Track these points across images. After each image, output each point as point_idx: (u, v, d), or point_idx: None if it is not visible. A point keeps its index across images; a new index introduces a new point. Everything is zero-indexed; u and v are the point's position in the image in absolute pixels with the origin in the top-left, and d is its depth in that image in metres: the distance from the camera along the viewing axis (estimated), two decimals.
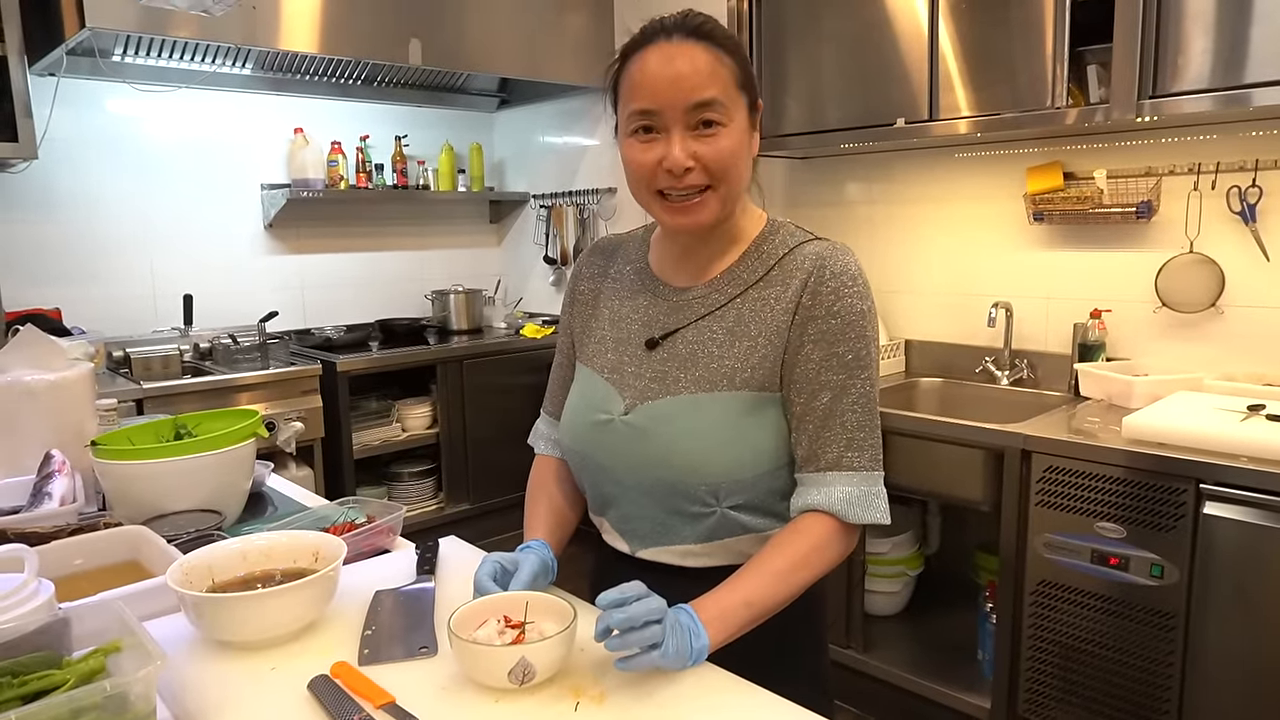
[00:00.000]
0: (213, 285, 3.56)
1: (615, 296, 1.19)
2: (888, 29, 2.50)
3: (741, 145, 1.02)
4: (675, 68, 0.98)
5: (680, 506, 1.06)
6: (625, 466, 1.08)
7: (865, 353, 1.03)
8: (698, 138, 0.99)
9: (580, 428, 1.14)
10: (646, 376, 1.10)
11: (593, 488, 1.16)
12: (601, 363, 1.15)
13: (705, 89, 0.98)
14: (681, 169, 1.00)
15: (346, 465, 3.40)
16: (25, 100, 2.75)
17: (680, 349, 1.08)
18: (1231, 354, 2.29)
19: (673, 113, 0.99)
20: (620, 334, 1.15)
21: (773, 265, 1.07)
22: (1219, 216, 2.27)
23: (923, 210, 2.89)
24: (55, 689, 0.78)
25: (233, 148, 3.60)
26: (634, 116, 1.01)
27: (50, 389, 1.55)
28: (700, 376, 1.05)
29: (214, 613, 0.99)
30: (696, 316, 1.09)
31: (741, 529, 1.06)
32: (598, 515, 1.19)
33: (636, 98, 1.00)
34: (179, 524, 1.32)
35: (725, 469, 1.03)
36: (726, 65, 1.00)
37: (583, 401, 1.15)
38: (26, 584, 0.93)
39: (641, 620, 0.87)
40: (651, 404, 1.07)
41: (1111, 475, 1.93)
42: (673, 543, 1.10)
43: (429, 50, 3.26)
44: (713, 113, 0.99)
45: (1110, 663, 1.98)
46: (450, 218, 4.35)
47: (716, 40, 1.00)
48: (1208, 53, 1.96)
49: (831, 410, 1.02)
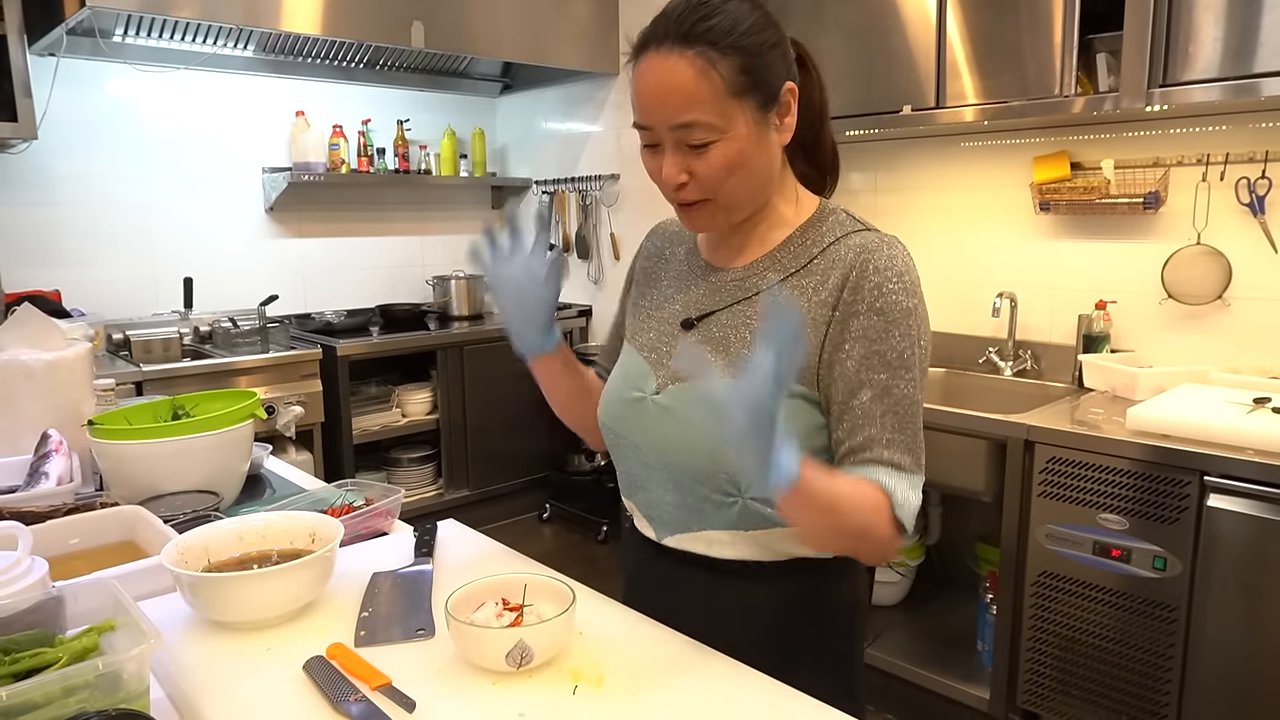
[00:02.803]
0: (213, 268, 3.55)
1: (664, 276, 1.18)
2: (895, 15, 2.48)
3: (742, 153, 0.96)
4: (658, 87, 0.94)
5: (703, 493, 1.03)
6: (653, 447, 1.06)
7: (910, 352, 0.96)
8: (690, 154, 0.96)
9: (615, 404, 1.13)
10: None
11: (623, 468, 1.14)
12: (643, 340, 1.14)
13: (686, 111, 0.93)
14: (672, 186, 0.99)
15: (346, 450, 3.40)
16: (25, 80, 2.73)
17: (715, 332, 1.06)
18: (1238, 347, 2.27)
19: (661, 130, 0.96)
20: (663, 312, 1.14)
21: (816, 255, 1.02)
22: (1227, 208, 2.25)
23: (927, 199, 2.87)
24: (48, 667, 0.77)
25: (234, 130, 3.58)
26: (637, 127, 1.00)
27: (48, 368, 1.54)
28: (731, 361, 1.02)
29: (209, 592, 0.98)
30: (733, 300, 1.06)
31: (766, 522, 1.02)
32: (628, 498, 1.17)
33: (634, 110, 0.99)
34: (176, 505, 1.31)
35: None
36: (718, 73, 0.92)
37: (621, 378, 1.14)
38: (19, 561, 0.93)
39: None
40: (682, 385, 1.05)
41: (1115, 467, 1.92)
42: (698, 528, 1.06)
43: (432, 33, 3.23)
44: (697, 134, 0.94)
45: (1111, 654, 1.97)
46: (452, 203, 4.33)
47: (711, 41, 0.92)
48: (1218, 41, 1.93)
49: (871, 411, 0.95)
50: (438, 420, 3.65)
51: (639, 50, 0.97)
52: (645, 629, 1.01)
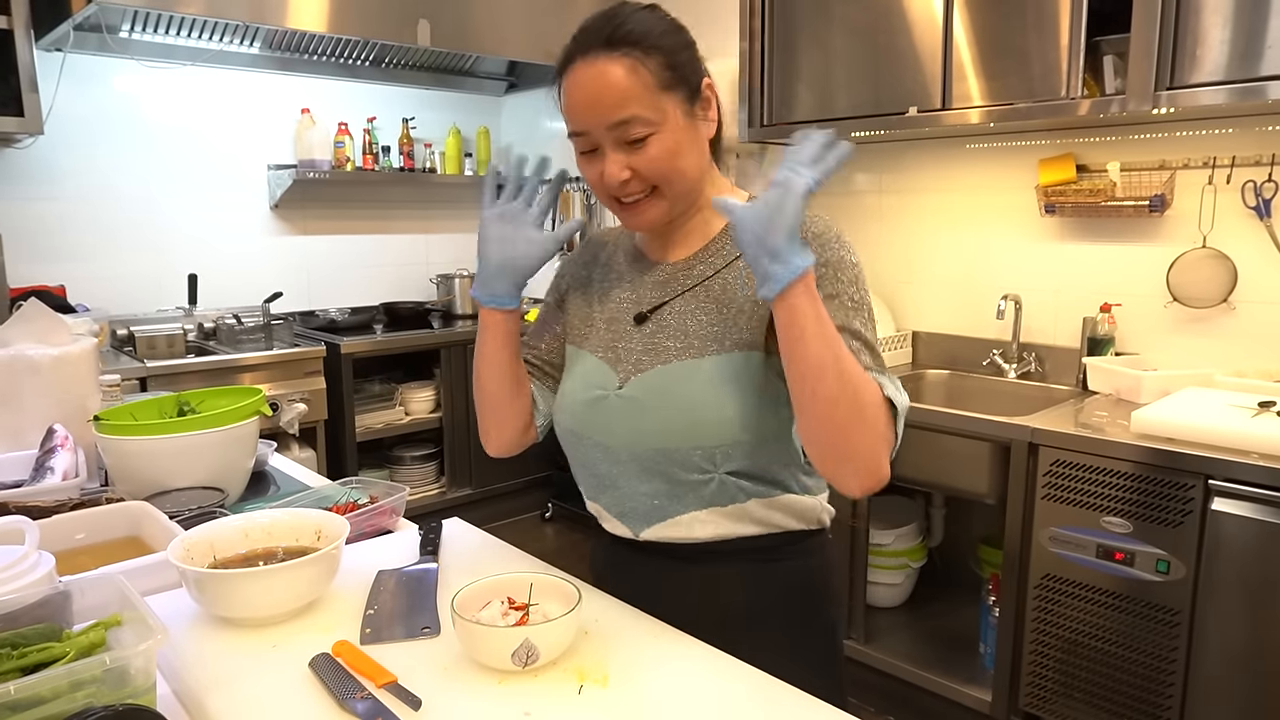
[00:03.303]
0: (218, 265, 3.55)
1: (604, 280, 1.20)
2: (901, 16, 2.47)
3: (679, 143, 1.02)
4: (592, 89, 0.99)
5: (677, 476, 1.05)
6: (622, 442, 1.08)
7: (860, 297, 1.01)
8: (629, 150, 1.01)
9: (575, 406, 1.13)
10: (638, 350, 1.10)
11: (588, 471, 1.15)
12: (595, 342, 1.15)
13: (621, 108, 0.98)
14: (617, 183, 1.02)
15: (349, 448, 3.40)
16: (31, 75, 2.74)
17: (669, 320, 1.09)
18: (1243, 350, 2.27)
19: (599, 132, 1.01)
20: (610, 313, 1.16)
21: None
22: (1233, 211, 2.25)
23: (932, 201, 2.87)
24: (55, 661, 0.77)
25: (239, 127, 3.58)
26: (572, 136, 1.04)
27: (54, 363, 1.55)
28: (691, 345, 1.06)
29: (215, 589, 0.98)
30: (683, 289, 1.10)
31: (744, 495, 1.06)
32: (594, 501, 1.17)
33: (568, 120, 1.03)
34: (181, 501, 1.31)
35: (720, 431, 1.02)
36: (646, 69, 0.99)
37: (578, 381, 1.15)
38: (27, 556, 0.93)
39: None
40: (644, 375, 1.08)
41: (1119, 470, 1.92)
42: (674, 515, 1.08)
43: (438, 31, 3.24)
44: (635, 128, 0.99)
45: (1113, 658, 1.97)
46: (456, 201, 4.34)
47: (633, 42, 0.99)
48: (1225, 44, 1.93)
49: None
50: (441, 419, 3.65)
51: (565, 64, 1.03)
52: (651, 628, 1.01)
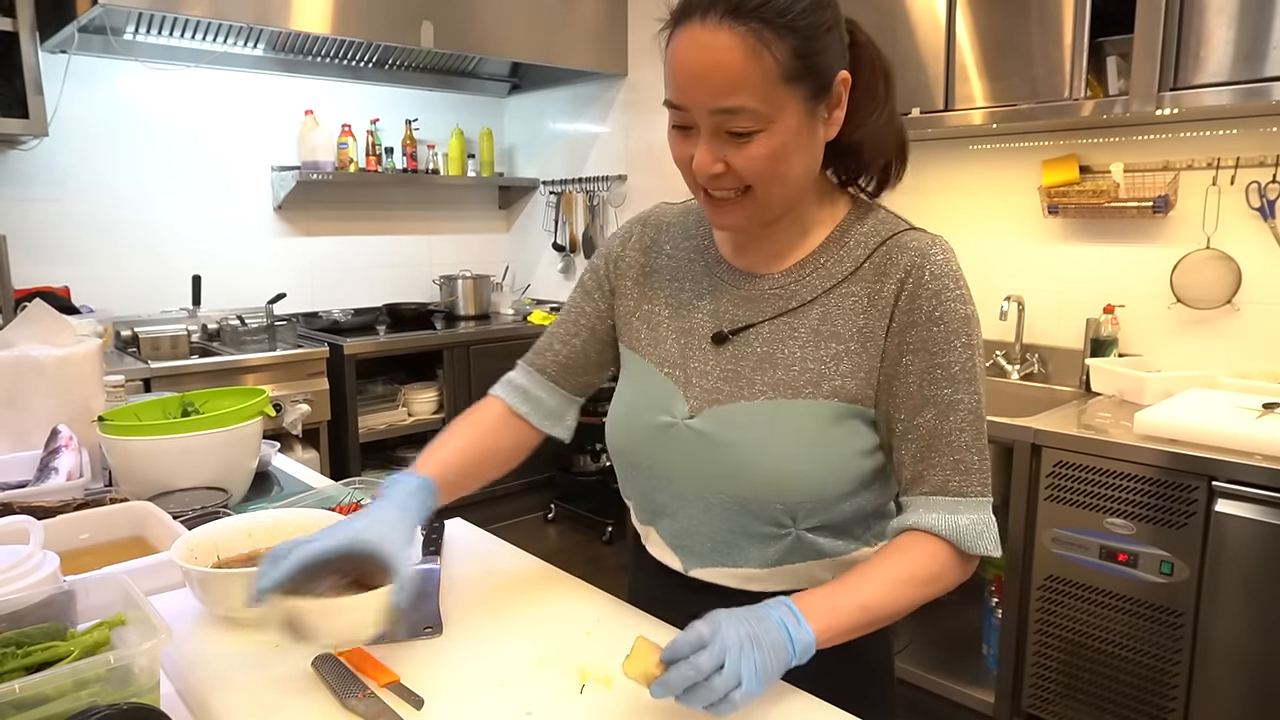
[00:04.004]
0: (221, 266, 3.56)
1: (673, 277, 1.04)
2: (904, 17, 2.48)
3: (787, 146, 0.86)
4: (701, 63, 0.83)
5: (749, 526, 0.94)
6: (688, 478, 0.96)
7: (971, 364, 0.89)
8: (728, 141, 0.85)
9: (636, 429, 1.01)
10: (715, 376, 0.96)
11: (643, 496, 1.04)
12: (660, 354, 1.01)
13: (731, 95, 0.82)
14: (707, 175, 0.88)
15: (352, 449, 3.41)
16: (36, 77, 2.75)
17: (756, 347, 0.95)
18: (1247, 352, 2.27)
19: (699, 113, 0.85)
20: (683, 323, 1.01)
21: (863, 258, 0.93)
22: (1237, 212, 2.24)
23: (935, 202, 2.87)
24: (59, 660, 0.77)
25: (243, 129, 3.59)
26: (668, 105, 0.88)
27: (58, 364, 1.55)
28: (780, 380, 0.93)
29: (219, 588, 0.98)
30: (775, 312, 0.95)
31: (816, 553, 0.95)
32: (645, 524, 1.06)
33: (668, 86, 0.87)
34: (185, 501, 1.31)
35: (808, 487, 0.91)
36: (772, 55, 0.82)
37: (639, 398, 1.01)
38: (31, 555, 0.93)
39: (707, 672, 0.75)
40: (722, 408, 0.94)
41: (1122, 471, 1.91)
42: (734, 564, 0.97)
43: (441, 33, 3.24)
44: (740, 120, 0.84)
45: (1117, 659, 1.97)
46: (459, 203, 4.34)
47: (766, 19, 0.81)
48: (1229, 44, 1.93)
49: (937, 429, 0.89)
50: (443, 420, 3.65)
51: (680, 18, 0.85)
52: (654, 630, 1.00)
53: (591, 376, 1.13)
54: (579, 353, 1.10)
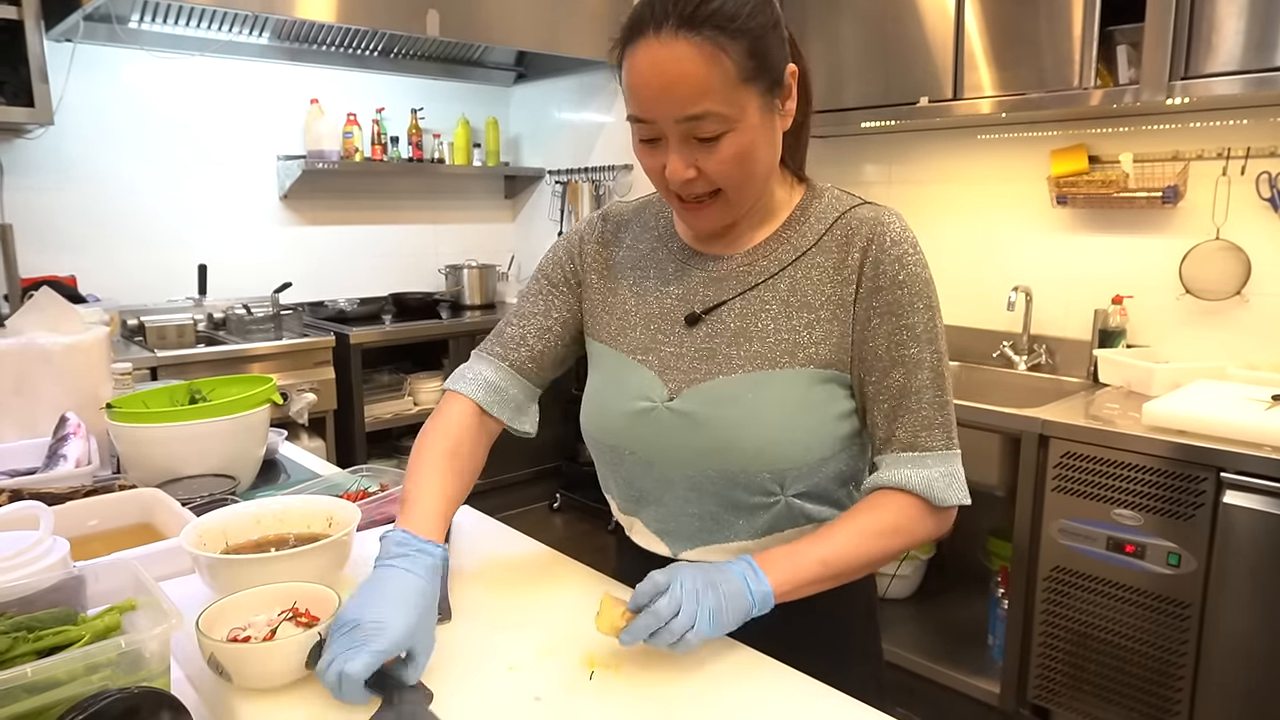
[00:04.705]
0: (227, 255, 3.56)
1: (636, 266, 1.07)
2: (912, 5, 2.46)
3: (753, 142, 0.90)
4: (664, 76, 0.85)
5: (738, 499, 0.97)
6: (672, 460, 0.99)
7: (933, 324, 0.95)
8: (697, 147, 0.89)
9: (614, 417, 1.03)
10: (690, 356, 0.99)
11: (625, 485, 1.06)
12: (630, 343, 1.04)
13: (696, 102, 0.85)
14: (681, 181, 0.91)
15: (358, 437, 3.41)
16: (41, 66, 2.75)
17: (729, 323, 0.98)
18: (1256, 343, 2.26)
19: (666, 123, 0.88)
20: (649, 309, 1.04)
21: (823, 230, 0.98)
22: (1247, 203, 2.23)
23: (943, 192, 2.86)
24: (70, 644, 0.78)
25: (248, 117, 3.59)
26: (632, 120, 0.92)
27: (66, 352, 1.55)
28: (757, 353, 0.96)
29: (227, 574, 0.98)
30: (745, 287, 0.99)
31: (805, 518, 0.99)
32: (628, 515, 1.08)
33: (630, 103, 0.90)
34: (193, 488, 1.32)
35: (795, 453, 0.95)
36: (729, 59, 0.85)
37: (613, 388, 1.03)
38: (41, 541, 0.93)
39: (666, 618, 0.82)
40: (702, 386, 0.97)
41: (1130, 462, 1.91)
42: (724, 539, 1.00)
43: (447, 22, 3.23)
44: (707, 125, 0.87)
45: (1123, 650, 1.96)
46: (465, 192, 4.34)
47: (719, 25, 0.84)
48: (1240, 34, 1.91)
49: (906, 388, 0.95)
50: None
51: (632, 35, 0.87)
52: None
53: (558, 371, 1.15)
54: (552, 347, 1.11)
